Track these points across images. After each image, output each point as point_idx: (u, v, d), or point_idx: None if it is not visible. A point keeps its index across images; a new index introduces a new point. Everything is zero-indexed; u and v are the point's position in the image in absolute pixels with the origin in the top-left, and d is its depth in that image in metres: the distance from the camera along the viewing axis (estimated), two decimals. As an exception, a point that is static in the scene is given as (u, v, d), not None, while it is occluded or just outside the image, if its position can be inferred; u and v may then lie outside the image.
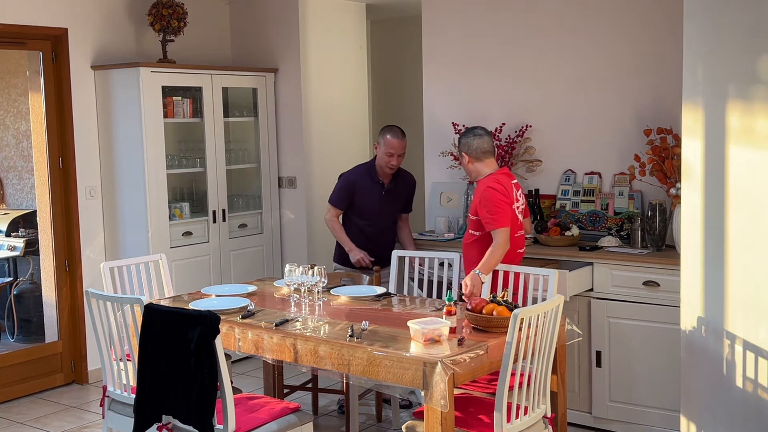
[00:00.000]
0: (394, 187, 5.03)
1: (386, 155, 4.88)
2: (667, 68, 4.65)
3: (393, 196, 5.03)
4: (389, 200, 5.02)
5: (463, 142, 4.33)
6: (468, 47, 5.45)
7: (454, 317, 3.58)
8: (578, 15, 5.02)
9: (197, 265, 5.89)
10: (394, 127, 4.96)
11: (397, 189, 5.04)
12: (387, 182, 5.00)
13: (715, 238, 3.59)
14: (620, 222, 4.81)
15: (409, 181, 5.14)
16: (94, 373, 5.66)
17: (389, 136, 4.88)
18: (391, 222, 5.08)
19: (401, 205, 5.10)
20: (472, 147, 4.29)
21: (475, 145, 4.28)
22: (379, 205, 4.99)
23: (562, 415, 3.81)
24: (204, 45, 6.39)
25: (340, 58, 6.67)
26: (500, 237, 4.11)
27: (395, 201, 5.04)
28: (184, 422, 3.39)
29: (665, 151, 4.54)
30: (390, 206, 5.03)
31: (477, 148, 4.28)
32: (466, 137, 4.34)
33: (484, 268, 4.10)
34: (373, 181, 4.99)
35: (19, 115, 6.56)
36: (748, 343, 3.49)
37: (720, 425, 3.64)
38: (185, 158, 5.97)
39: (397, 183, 5.05)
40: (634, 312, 4.45)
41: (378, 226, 5.02)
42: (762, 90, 3.40)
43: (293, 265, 4.11)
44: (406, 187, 5.11)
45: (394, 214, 5.08)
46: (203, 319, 3.31)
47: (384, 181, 4.99)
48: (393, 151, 4.87)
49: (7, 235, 6.37)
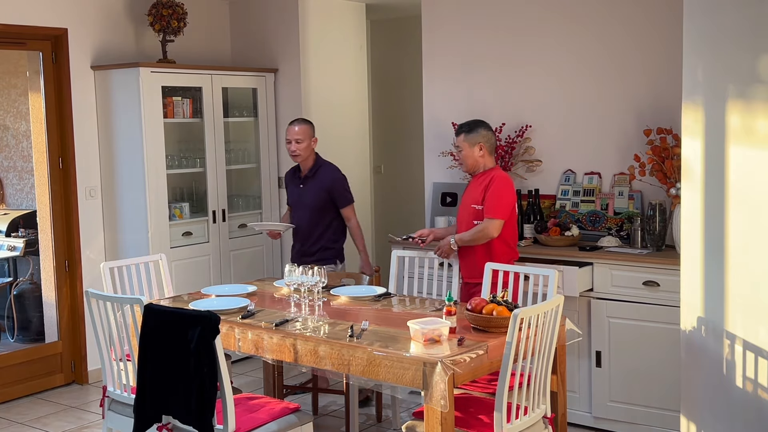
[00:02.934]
0: (312, 179, 5.07)
1: (286, 143, 5.06)
2: (667, 68, 4.65)
3: (312, 188, 5.06)
4: (308, 192, 5.07)
5: (483, 133, 4.43)
6: (468, 47, 5.45)
7: (454, 317, 3.58)
8: (578, 15, 5.02)
9: (197, 265, 5.89)
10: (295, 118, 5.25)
11: (315, 181, 5.06)
12: (304, 174, 5.10)
13: (715, 238, 3.59)
14: (620, 222, 4.81)
15: (329, 175, 5.09)
16: (94, 373, 5.66)
17: (289, 125, 5.08)
18: (318, 215, 5.06)
19: (324, 199, 5.05)
20: (491, 140, 4.47)
21: (493, 140, 4.50)
22: (298, 196, 5.13)
23: (562, 415, 3.81)
24: (204, 45, 6.39)
25: (340, 58, 6.67)
26: (493, 226, 4.30)
27: (315, 193, 5.04)
28: (184, 422, 3.39)
29: (665, 151, 4.54)
30: (310, 198, 5.06)
31: (493, 143, 4.48)
32: (485, 129, 4.46)
33: (460, 240, 4.38)
34: (296, 174, 5.17)
35: (19, 115, 6.56)
36: (748, 343, 3.49)
37: (720, 425, 3.64)
38: (185, 158, 5.97)
39: (316, 175, 5.07)
40: (634, 312, 4.45)
41: (303, 218, 5.10)
42: (762, 90, 3.40)
43: (293, 265, 4.11)
44: (325, 179, 5.06)
45: (319, 208, 5.05)
46: (203, 320, 3.31)
47: (302, 173, 5.11)
48: (289, 137, 5.02)
49: (7, 236, 6.37)
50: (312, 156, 5.09)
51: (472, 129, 4.44)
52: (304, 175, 5.10)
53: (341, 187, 5.09)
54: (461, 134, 4.46)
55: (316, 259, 5.00)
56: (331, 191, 5.05)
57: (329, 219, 5.08)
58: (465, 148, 4.44)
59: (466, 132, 4.44)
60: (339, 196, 5.07)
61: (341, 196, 5.08)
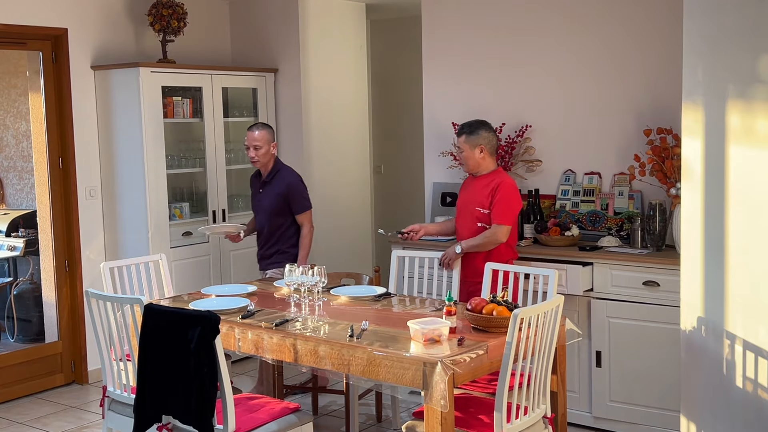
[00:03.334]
0: (270, 184, 5.04)
1: (246, 149, 5.02)
2: (667, 68, 4.65)
3: (269, 192, 5.03)
4: (265, 196, 5.05)
5: (484, 135, 4.46)
6: (468, 47, 5.45)
7: (454, 317, 3.58)
8: (578, 15, 5.02)
9: (197, 265, 5.89)
10: (257, 123, 5.21)
11: (272, 186, 5.03)
12: (263, 178, 5.08)
13: (715, 238, 3.59)
14: (620, 222, 4.81)
15: (285, 181, 5.04)
16: (94, 373, 5.66)
17: (248, 129, 5.04)
18: (275, 219, 5.03)
19: (281, 204, 5.01)
20: (493, 142, 4.51)
21: (495, 141, 4.53)
22: (258, 201, 5.12)
23: (562, 415, 3.81)
24: (204, 45, 6.39)
25: (340, 58, 6.67)
26: (501, 232, 4.35)
27: (272, 198, 5.01)
28: (184, 422, 3.39)
29: (665, 151, 4.54)
30: (266, 202, 5.03)
31: (494, 144, 4.51)
32: (487, 130, 4.49)
33: (467, 245, 4.41)
34: (257, 177, 5.15)
35: (19, 115, 6.56)
36: (748, 344, 3.49)
37: (720, 425, 3.64)
38: (185, 158, 5.97)
39: (273, 180, 5.04)
40: (634, 312, 4.45)
41: (261, 222, 5.09)
42: (762, 90, 3.40)
43: (293, 265, 4.11)
44: (281, 185, 5.02)
45: (276, 212, 5.02)
46: (203, 320, 3.31)
47: (262, 178, 5.09)
48: (248, 143, 4.99)
49: (7, 235, 6.37)
50: (272, 161, 5.05)
51: (474, 131, 4.45)
52: (263, 180, 5.07)
53: (297, 192, 5.03)
54: (462, 135, 4.48)
55: (272, 262, 5.06)
56: (286, 197, 5.00)
57: (287, 224, 5.05)
58: (466, 150, 4.46)
59: (468, 133, 4.45)
60: (294, 201, 5.02)
61: (296, 202, 5.02)
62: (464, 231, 4.54)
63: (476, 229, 4.46)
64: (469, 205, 4.50)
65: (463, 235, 4.56)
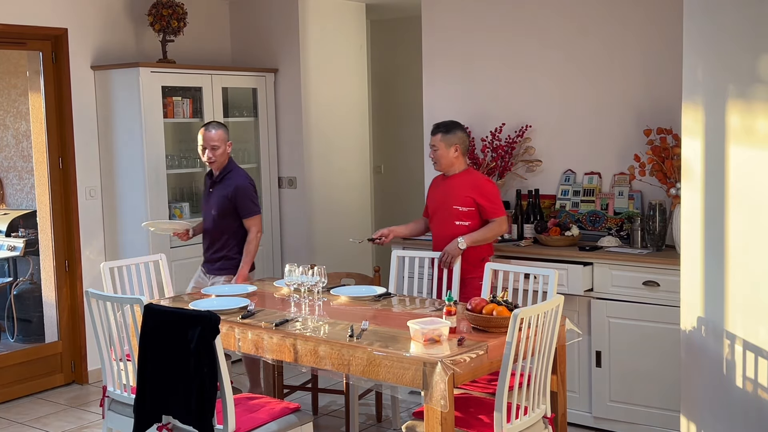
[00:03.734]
0: (220, 184, 4.88)
1: (201, 149, 4.87)
2: (667, 68, 4.65)
3: (217, 193, 4.87)
4: (213, 197, 4.89)
5: (459, 135, 4.56)
6: (468, 47, 5.45)
7: (454, 317, 3.58)
8: (578, 15, 5.02)
9: (197, 265, 5.87)
10: (209, 122, 4.99)
11: (221, 187, 4.86)
12: (214, 177, 4.92)
13: (715, 238, 3.59)
14: (620, 222, 4.81)
15: (234, 182, 4.85)
16: (94, 373, 5.66)
17: (203, 129, 4.87)
18: (221, 222, 4.85)
19: (227, 206, 4.83)
20: (466, 143, 4.61)
21: (467, 142, 4.64)
22: (206, 200, 4.97)
23: (562, 415, 3.81)
24: (204, 45, 6.39)
25: (340, 58, 6.67)
26: (503, 224, 4.52)
27: (219, 199, 4.84)
28: (184, 422, 3.39)
29: (665, 151, 4.54)
30: (213, 202, 4.88)
31: (467, 145, 4.62)
32: (462, 131, 4.59)
33: (470, 240, 4.44)
34: (209, 176, 4.99)
35: (19, 115, 6.56)
36: (748, 344, 3.49)
37: (720, 425, 3.64)
38: (185, 158, 5.97)
39: (223, 180, 4.87)
40: (634, 312, 4.45)
41: (208, 223, 4.94)
42: (762, 90, 3.40)
43: (293, 265, 4.11)
44: (230, 186, 4.83)
45: (222, 215, 4.84)
46: (203, 320, 3.31)
47: (212, 178, 4.94)
48: (204, 144, 4.83)
49: (7, 235, 6.37)
50: (226, 160, 4.90)
51: (450, 130, 4.54)
52: (214, 179, 4.91)
53: (245, 196, 4.83)
54: (438, 134, 4.55)
55: (219, 269, 4.90)
56: (233, 199, 4.82)
57: (233, 227, 4.87)
58: (441, 148, 4.54)
59: (444, 132, 4.54)
60: (242, 205, 4.82)
61: (244, 205, 4.83)
62: (441, 230, 4.58)
63: (455, 227, 4.51)
64: (446, 204, 4.56)
65: (440, 234, 4.59)
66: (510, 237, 5.07)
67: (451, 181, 4.58)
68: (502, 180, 5.22)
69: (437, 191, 4.67)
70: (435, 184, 4.75)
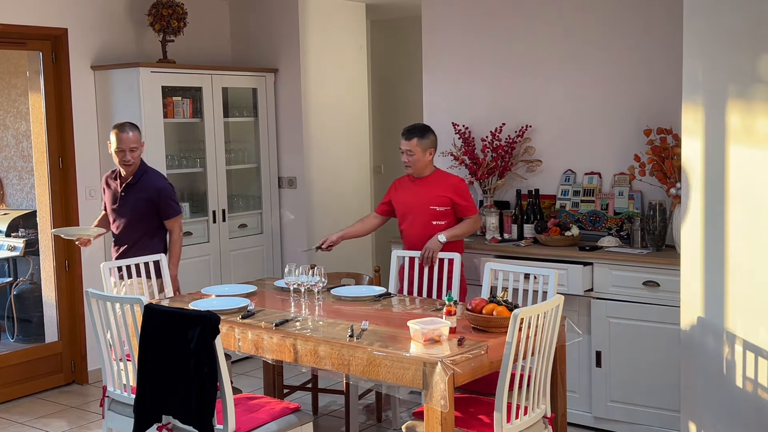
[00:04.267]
0: (136, 186, 4.70)
1: (118, 152, 4.63)
2: (667, 68, 4.65)
3: (134, 195, 4.69)
4: (129, 199, 4.70)
5: (432, 139, 4.68)
6: (468, 47, 5.45)
7: (454, 317, 3.58)
8: (578, 15, 5.02)
9: (197, 265, 5.89)
10: (122, 123, 4.72)
11: (139, 188, 4.69)
12: (126, 179, 4.71)
13: (715, 238, 3.59)
14: (620, 222, 4.81)
15: (155, 183, 4.73)
16: (94, 373, 5.66)
17: (117, 131, 4.64)
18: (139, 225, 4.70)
19: (148, 208, 4.69)
20: (436, 146, 4.72)
21: (437, 144, 4.73)
22: (118, 203, 4.74)
23: (562, 415, 3.81)
24: (204, 45, 6.39)
25: (340, 58, 6.67)
26: (477, 221, 4.71)
27: (138, 201, 4.68)
28: (184, 422, 3.39)
29: (665, 151, 4.54)
30: (131, 206, 4.69)
31: (436, 148, 4.72)
32: (434, 135, 4.71)
33: (449, 234, 4.56)
34: (115, 179, 4.79)
35: (19, 115, 6.56)
36: (748, 343, 3.49)
37: (720, 425, 3.64)
38: (185, 158, 5.97)
39: (140, 182, 4.71)
40: (634, 312, 4.45)
41: (122, 227, 4.73)
42: (762, 90, 3.40)
43: (293, 265, 4.11)
44: (150, 188, 4.70)
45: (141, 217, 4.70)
46: (203, 319, 3.31)
47: (124, 179, 4.73)
48: (122, 146, 4.62)
49: (7, 235, 6.38)
50: (139, 162, 4.74)
51: (425, 134, 4.63)
52: (127, 182, 4.71)
53: (168, 197, 4.72)
54: (414, 139, 4.61)
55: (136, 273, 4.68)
56: (156, 201, 4.70)
57: (151, 231, 4.75)
58: (417, 153, 4.62)
59: (419, 137, 4.61)
60: (165, 206, 4.72)
61: (167, 206, 4.72)
62: (417, 230, 4.66)
63: (432, 227, 4.61)
64: (420, 206, 4.65)
65: (416, 234, 4.66)
66: (510, 237, 5.07)
67: (425, 182, 4.67)
68: (502, 180, 5.22)
69: (406, 193, 4.73)
70: (401, 186, 4.80)
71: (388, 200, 4.85)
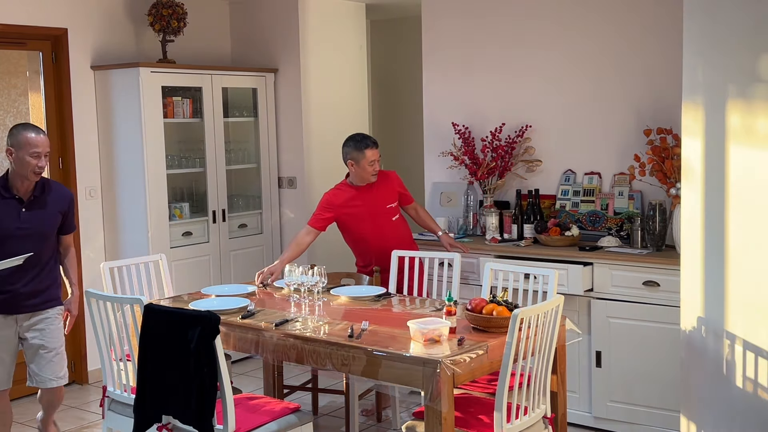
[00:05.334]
0: (42, 200, 4.03)
1: (31, 157, 3.91)
2: (667, 68, 4.65)
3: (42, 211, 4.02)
4: (35, 216, 4.00)
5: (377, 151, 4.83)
6: (468, 47, 5.45)
7: (454, 317, 3.58)
8: (578, 15, 5.02)
9: (197, 265, 5.89)
10: (28, 124, 4.10)
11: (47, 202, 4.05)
12: (27, 194, 3.99)
13: (715, 238, 3.59)
14: (620, 222, 4.81)
15: (66, 195, 4.16)
16: (94, 373, 5.66)
17: (31, 134, 3.93)
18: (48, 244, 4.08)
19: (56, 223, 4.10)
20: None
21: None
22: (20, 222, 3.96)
23: (562, 415, 3.81)
24: (204, 45, 6.39)
25: (339, 58, 6.67)
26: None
27: (46, 217, 4.03)
28: (184, 422, 3.39)
29: (665, 151, 4.54)
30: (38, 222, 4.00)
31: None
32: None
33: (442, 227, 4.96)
34: (7, 196, 3.97)
35: (19, 115, 6.55)
36: (748, 344, 3.49)
37: (720, 425, 3.64)
38: (185, 158, 5.97)
39: (46, 194, 4.05)
40: (634, 312, 4.45)
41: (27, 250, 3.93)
42: (762, 89, 3.40)
43: (293, 265, 4.11)
44: (61, 200, 4.10)
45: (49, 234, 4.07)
46: (203, 320, 3.31)
47: (24, 194, 3.99)
48: (38, 150, 3.93)
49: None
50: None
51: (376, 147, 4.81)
52: (33, 195, 4.00)
53: (73, 208, 4.21)
54: (377, 148, 4.80)
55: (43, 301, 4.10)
56: (66, 213, 4.11)
57: (53, 249, 4.13)
58: (378, 161, 4.79)
59: (377, 146, 4.80)
60: (70, 220, 4.17)
61: (71, 221, 4.19)
62: (380, 231, 4.75)
63: (392, 224, 4.79)
64: (378, 208, 4.77)
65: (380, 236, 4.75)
66: (510, 237, 5.07)
67: (376, 186, 4.80)
68: (502, 180, 5.22)
69: (358, 202, 4.75)
70: (345, 197, 4.77)
71: (330, 216, 4.75)
